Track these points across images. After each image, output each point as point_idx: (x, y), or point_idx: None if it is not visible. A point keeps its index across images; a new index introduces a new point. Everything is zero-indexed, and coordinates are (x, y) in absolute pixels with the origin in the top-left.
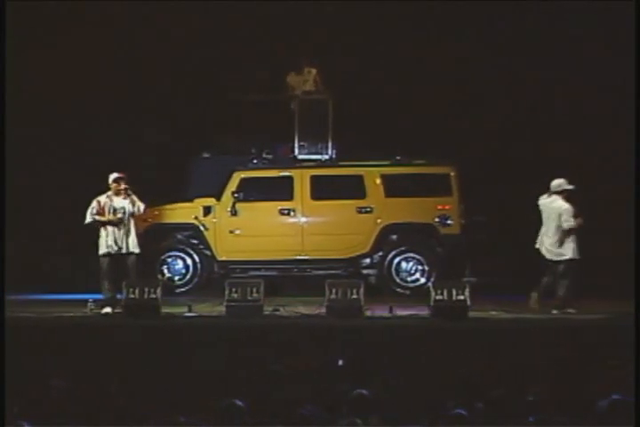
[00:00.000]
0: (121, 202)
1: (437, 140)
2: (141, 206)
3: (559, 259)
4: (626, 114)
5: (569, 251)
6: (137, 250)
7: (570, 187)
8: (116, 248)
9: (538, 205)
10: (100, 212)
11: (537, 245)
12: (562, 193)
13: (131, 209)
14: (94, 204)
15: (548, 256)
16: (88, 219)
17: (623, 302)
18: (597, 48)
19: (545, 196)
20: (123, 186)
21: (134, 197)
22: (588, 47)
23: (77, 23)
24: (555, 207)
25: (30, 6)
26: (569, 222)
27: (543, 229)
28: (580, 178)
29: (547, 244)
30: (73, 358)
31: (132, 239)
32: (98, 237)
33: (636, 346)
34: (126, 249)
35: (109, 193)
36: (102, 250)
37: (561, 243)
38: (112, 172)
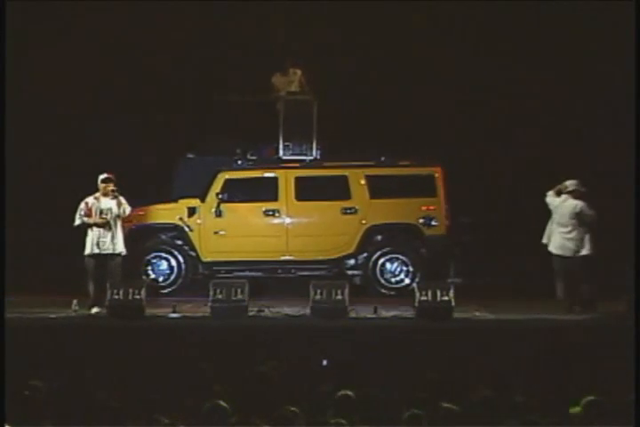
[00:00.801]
0: (108, 203)
1: (423, 140)
2: (127, 209)
3: (573, 255)
4: (625, 114)
5: (586, 246)
6: (123, 251)
7: (582, 189)
8: (101, 249)
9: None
10: (88, 213)
11: (548, 245)
12: (572, 193)
13: (116, 211)
14: (82, 205)
15: (560, 252)
16: (77, 221)
17: (616, 303)
18: (597, 48)
19: (551, 193)
20: (111, 187)
21: (121, 199)
22: (588, 47)
23: (77, 23)
24: (570, 205)
25: (30, 6)
26: (593, 217)
27: (555, 228)
28: (576, 178)
29: (560, 241)
30: (56, 359)
31: (119, 241)
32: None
33: (635, 346)
34: (112, 250)
35: (97, 194)
36: (87, 250)
37: (577, 239)
38: (98, 172)
